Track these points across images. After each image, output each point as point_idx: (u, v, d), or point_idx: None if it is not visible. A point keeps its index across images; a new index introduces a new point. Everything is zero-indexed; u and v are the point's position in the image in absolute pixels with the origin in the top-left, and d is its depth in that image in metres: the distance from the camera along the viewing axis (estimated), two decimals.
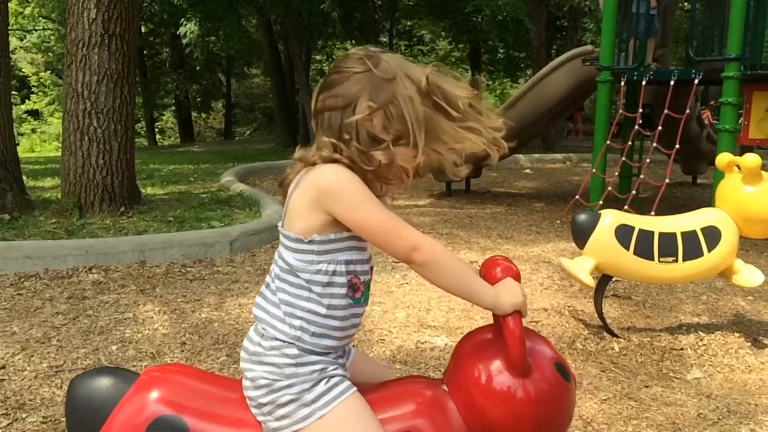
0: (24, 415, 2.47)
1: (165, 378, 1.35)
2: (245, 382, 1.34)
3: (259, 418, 1.32)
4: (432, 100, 1.30)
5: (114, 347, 3.13)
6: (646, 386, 2.82)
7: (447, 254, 1.30)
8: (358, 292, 1.35)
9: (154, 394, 1.31)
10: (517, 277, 1.35)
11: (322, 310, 1.30)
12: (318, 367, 1.30)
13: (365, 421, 1.27)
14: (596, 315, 3.43)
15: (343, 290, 1.31)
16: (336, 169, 1.28)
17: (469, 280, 1.30)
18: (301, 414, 1.28)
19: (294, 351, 1.30)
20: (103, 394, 1.33)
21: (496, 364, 1.29)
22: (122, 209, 5.76)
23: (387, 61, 1.32)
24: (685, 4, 14.75)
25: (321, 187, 1.27)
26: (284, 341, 1.31)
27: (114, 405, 1.31)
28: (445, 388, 1.36)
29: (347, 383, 1.32)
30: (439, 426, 1.30)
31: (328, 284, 1.30)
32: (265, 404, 1.31)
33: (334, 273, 1.30)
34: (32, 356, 3.00)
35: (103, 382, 1.34)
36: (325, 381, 1.30)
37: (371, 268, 1.40)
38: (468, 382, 1.31)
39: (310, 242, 1.29)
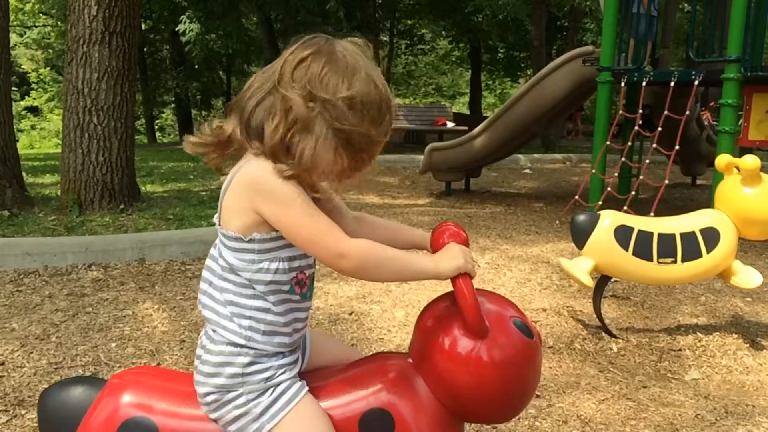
0: (23, 412, 2.47)
1: (132, 381, 1.36)
2: (198, 397, 1.32)
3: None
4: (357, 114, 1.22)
5: (113, 344, 3.13)
6: (644, 387, 2.83)
7: (374, 251, 1.24)
8: (304, 287, 1.33)
9: (122, 398, 1.32)
10: (464, 242, 1.33)
11: (269, 307, 1.28)
12: (266, 374, 1.27)
13: (314, 425, 1.24)
14: (595, 315, 3.43)
15: (288, 287, 1.29)
16: (265, 164, 1.22)
17: (403, 264, 1.26)
18: (250, 429, 1.26)
19: (244, 359, 1.27)
20: (73, 403, 1.34)
21: (454, 330, 1.28)
22: (122, 207, 5.76)
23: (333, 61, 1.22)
24: (685, 5, 14.75)
25: (250, 184, 1.23)
26: (236, 344, 1.27)
27: (84, 412, 1.32)
28: (410, 360, 1.36)
29: (295, 387, 1.29)
30: (408, 400, 1.29)
31: (272, 282, 1.27)
32: (215, 419, 1.30)
33: (276, 271, 1.27)
34: (31, 353, 3.00)
35: (72, 392, 1.36)
36: (270, 390, 1.27)
37: (314, 260, 1.35)
38: (429, 352, 1.31)
39: (250, 241, 1.25)
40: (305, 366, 1.41)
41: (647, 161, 5.86)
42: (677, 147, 5.43)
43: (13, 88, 19.60)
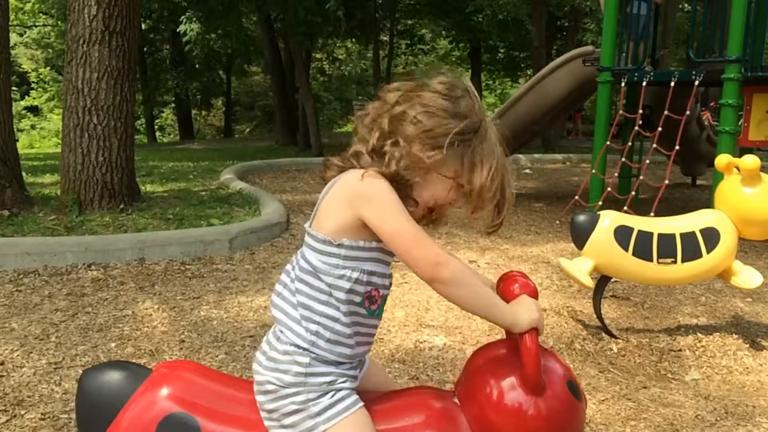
0: (22, 412, 2.47)
1: (177, 375, 1.34)
2: (255, 386, 1.33)
3: (266, 423, 1.32)
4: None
5: (113, 344, 3.13)
6: (645, 387, 2.82)
7: (469, 273, 1.29)
8: (374, 304, 1.34)
9: (166, 391, 1.30)
10: (534, 294, 1.34)
11: (339, 316, 1.29)
12: (327, 378, 1.29)
13: None
14: (595, 315, 3.43)
15: (359, 299, 1.31)
16: (374, 174, 1.26)
17: (488, 299, 1.29)
18: (305, 426, 1.28)
19: (306, 359, 1.29)
20: (114, 389, 1.32)
21: (510, 380, 1.29)
22: (122, 206, 5.75)
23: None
24: (686, 5, 14.75)
25: (356, 188, 1.26)
26: (299, 347, 1.29)
27: (125, 400, 1.30)
28: (456, 400, 1.35)
29: (354, 398, 1.31)
30: None
31: (349, 291, 1.29)
32: (271, 410, 1.30)
33: (356, 281, 1.29)
34: (31, 353, 3.00)
35: (115, 377, 1.33)
36: (331, 394, 1.29)
37: (390, 284, 1.39)
38: (480, 396, 1.31)
39: (339, 245, 1.28)
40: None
41: (647, 161, 5.86)
42: (677, 147, 5.43)
43: (13, 88, 19.59)
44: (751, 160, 2.99)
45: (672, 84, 5.62)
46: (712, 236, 3.13)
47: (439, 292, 1.28)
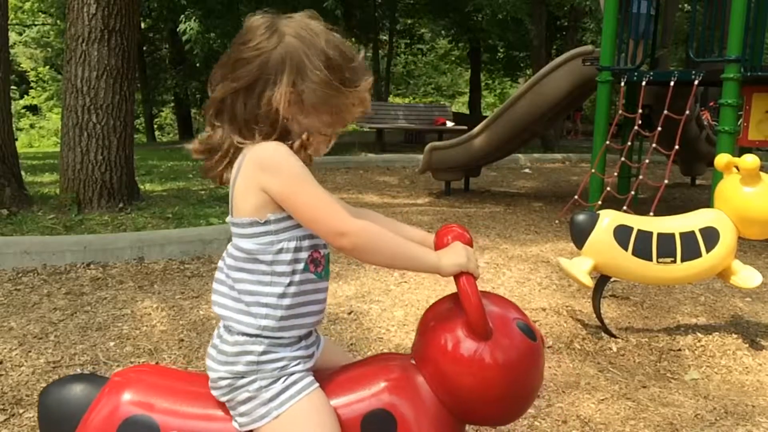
0: (21, 411, 2.46)
1: (133, 379, 1.36)
2: (209, 382, 1.34)
3: (231, 413, 1.33)
4: (338, 76, 1.28)
5: (112, 343, 3.12)
6: (644, 387, 2.82)
7: (375, 233, 1.26)
8: (319, 266, 1.33)
9: (124, 396, 1.31)
10: (469, 243, 1.33)
11: (285, 291, 1.28)
12: (280, 364, 1.29)
13: (320, 419, 1.25)
14: (594, 315, 3.43)
15: (302, 265, 1.30)
16: (270, 144, 1.26)
17: (405, 251, 1.27)
18: (258, 413, 1.28)
19: (258, 348, 1.28)
20: (74, 400, 1.33)
21: (457, 331, 1.28)
22: (121, 205, 5.75)
23: (292, 33, 1.28)
24: (686, 5, 14.75)
25: (257, 162, 1.25)
26: (250, 335, 1.29)
27: (84, 410, 1.32)
28: (413, 362, 1.36)
29: (308, 380, 1.30)
30: (411, 401, 1.29)
31: (293, 261, 1.28)
32: (226, 402, 1.31)
33: (296, 249, 1.28)
34: (29, 352, 3.00)
35: (73, 389, 1.35)
36: (283, 379, 1.29)
37: None
38: (432, 353, 1.30)
39: (266, 222, 1.27)
40: (314, 364, 1.42)
41: (647, 161, 5.85)
42: (677, 147, 5.43)
43: (12, 87, 19.59)
44: (750, 160, 2.99)
45: (672, 84, 5.62)
46: (711, 236, 3.12)
47: (352, 257, 1.28)
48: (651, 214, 4.53)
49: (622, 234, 3.19)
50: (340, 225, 1.23)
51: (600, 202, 5.61)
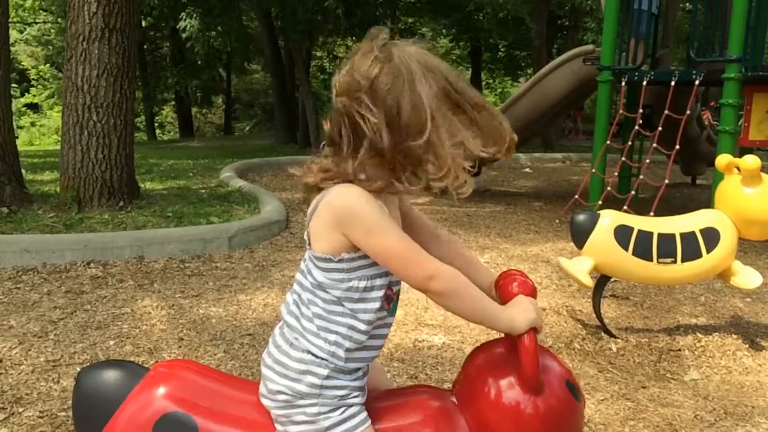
0: (21, 410, 2.46)
1: (175, 374, 1.33)
2: (263, 389, 1.31)
3: (276, 425, 1.31)
4: (451, 101, 1.22)
5: (111, 342, 3.12)
6: (644, 387, 2.82)
7: (462, 282, 1.26)
8: (391, 303, 1.33)
9: (163, 390, 1.28)
10: (533, 293, 1.33)
11: (358, 325, 1.28)
12: (341, 392, 1.28)
13: None
14: (594, 315, 3.43)
15: (378, 304, 1.29)
16: (351, 191, 1.23)
17: (484, 307, 1.27)
18: None
19: (323, 371, 1.27)
20: (111, 388, 1.30)
21: (508, 380, 1.28)
22: (121, 204, 5.75)
23: (403, 62, 1.21)
24: (686, 4, 14.73)
25: (336, 211, 1.23)
26: (316, 356, 1.27)
27: (122, 399, 1.29)
28: (454, 399, 1.35)
29: (363, 415, 1.29)
30: None
31: (360, 300, 1.27)
32: (279, 416, 1.29)
33: (365, 289, 1.27)
34: (29, 350, 3.00)
35: (112, 376, 1.32)
36: (342, 409, 1.27)
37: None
38: (478, 396, 1.30)
39: (340, 261, 1.26)
40: None
41: (647, 161, 5.85)
42: (677, 147, 5.42)
43: (13, 85, 19.57)
44: (751, 160, 2.98)
45: (672, 83, 5.62)
46: (711, 236, 3.12)
47: (433, 301, 1.27)
48: (651, 214, 4.52)
49: (622, 234, 3.18)
50: (430, 269, 1.23)
51: (600, 202, 5.61)
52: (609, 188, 5.90)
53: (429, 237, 1.45)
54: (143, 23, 19.10)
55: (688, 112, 5.50)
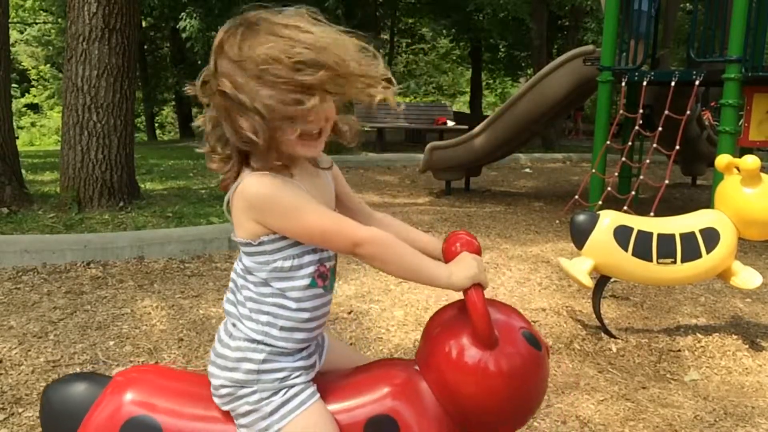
0: (20, 410, 2.46)
1: (136, 379, 1.36)
2: (212, 389, 1.33)
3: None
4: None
5: (111, 342, 3.12)
6: (644, 387, 2.82)
7: (391, 243, 1.25)
8: (326, 280, 1.33)
9: (126, 396, 1.32)
10: (477, 251, 1.33)
11: (288, 303, 1.29)
12: (280, 375, 1.29)
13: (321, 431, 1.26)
14: (594, 315, 3.43)
15: (306, 281, 1.29)
16: (261, 180, 1.23)
17: (418, 264, 1.26)
18: (259, 426, 1.27)
19: (259, 356, 1.28)
20: (77, 399, 1.33)
21: (463, 339, 1.28)
22: (121, 204, 5.75)
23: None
24: (687, 4, 14.73)
25: (248, 201, 1.24)
26: (252, 340, 1.29)
27: (87, 409, 1.32)
28: (416, 368, 1.36)
29: (309, 391, 1.30)
30: (414, 407, 1.29)
31: (287, 278, 1.28)
32: (229, 411, 1.31)
33: (290, 268, 1.28)
34: (29, 351, 3.00)
35: (76, 388, 1.35)
36: (283, 391, 1.28)
37: (336, 254, 1.37)
38: (436, 359, 1.31)
39: (260, 244, 1.26)
40: (321, 366, 1.41)
41: (647, 161, 5.85)
42: (677, 147, 5.42)
43: (13, 85, 19.57)
44: (751, 161, 2.98)
45: (672, 84, 5.62)
46: (711, 236, 3.12)
47: (369, 265, 1.28)
48: (651, 214, 4.52)
49: (622, 234, 3.18)
50: (354, 236, 1.23)
51: (600, 202, 5.61)
52: (609, 188, 5.90)
53: (363, 217, 1.45)
54: (143, 23, 19.09)
55: (688, 112, 5.49)
